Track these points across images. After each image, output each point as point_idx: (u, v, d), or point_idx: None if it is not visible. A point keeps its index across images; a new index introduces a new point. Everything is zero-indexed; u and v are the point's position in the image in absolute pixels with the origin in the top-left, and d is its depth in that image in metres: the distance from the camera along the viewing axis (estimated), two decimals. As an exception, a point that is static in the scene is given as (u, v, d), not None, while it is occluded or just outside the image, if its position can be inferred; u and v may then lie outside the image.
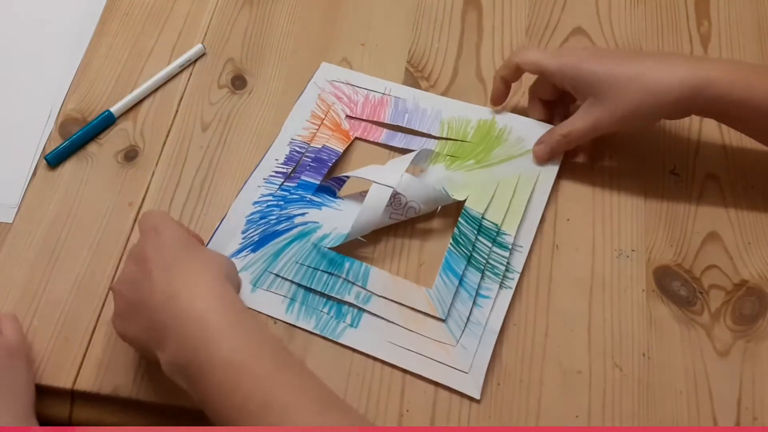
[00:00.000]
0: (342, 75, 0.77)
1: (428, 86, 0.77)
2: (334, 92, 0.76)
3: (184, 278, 0.56)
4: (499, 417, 0.61)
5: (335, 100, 0.75)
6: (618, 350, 0.64)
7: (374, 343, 0.63)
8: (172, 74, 0.79)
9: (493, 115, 0.74)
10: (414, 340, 0.63)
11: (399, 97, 0.76)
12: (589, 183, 0.72)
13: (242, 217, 0.69)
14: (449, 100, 0.76)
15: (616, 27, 0.81)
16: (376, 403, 0.62)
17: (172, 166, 0.73)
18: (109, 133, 0.75)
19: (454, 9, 0.83)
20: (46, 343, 0.64)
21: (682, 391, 0.62)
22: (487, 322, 0.64)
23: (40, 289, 0.67)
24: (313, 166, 0.71)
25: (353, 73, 0.78)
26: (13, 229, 0.70)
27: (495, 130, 0.73)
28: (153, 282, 0.57)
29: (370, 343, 0.63)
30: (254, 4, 0.84)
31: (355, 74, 0.78)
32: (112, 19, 0.83)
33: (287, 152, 0.72)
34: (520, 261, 0.67)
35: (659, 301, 0.66)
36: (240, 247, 0.67)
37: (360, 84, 0.77)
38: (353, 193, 0.70)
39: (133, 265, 0.60)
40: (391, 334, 0.64)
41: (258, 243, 0.67)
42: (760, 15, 0.82)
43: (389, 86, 0.77)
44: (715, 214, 0.70)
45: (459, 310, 0.64)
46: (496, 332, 0.63)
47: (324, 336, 0.64)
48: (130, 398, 0.62)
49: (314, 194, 0.70)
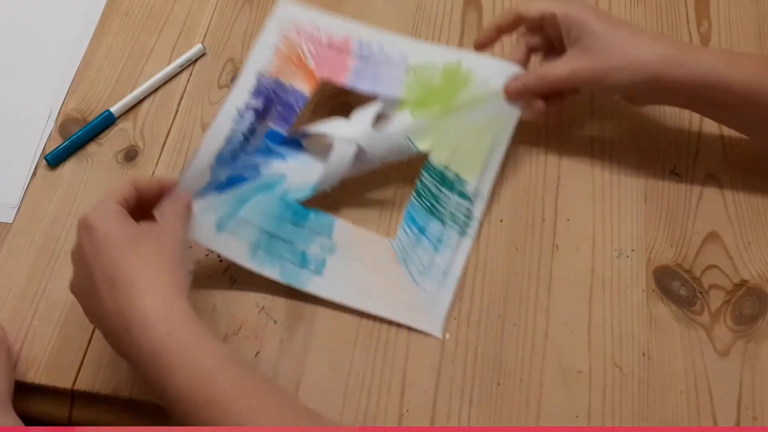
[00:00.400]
0: (303, 15, 0.74)
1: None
2: (297, 30, 0.73)
3: (130, 301, 0.53)
4: (499, 417, 0.61)
5: (298, 39, 0.73)
6: (618, 350, 0.64)
7: (339, 290, 0.65)
8: (172, 74, 0.79)
9: (459, 58, 0.73)
10: (377, 286, 0.66)
11: (363, 41, 0.74)
12: (589, 183, 0.72)
13: (213, 151, 0.66)
14: (415, 42, 0.75)
15: (616, 27, 0.81)
16: (376, 403, 0.62)
17: (172, 166, 0.73)
18: (109, 133, 0.75)
19: (454, 9, 0.83)
20: (46, 343, 0.65)
21: (682, 391, 0.62)
22: (448, 269, 0.67)
23: (40, 289, 0.67)
24: (280, 111, 0.70)
25: (313, 11, 0.74)
26: (13, 229, 0.70)
27: (460, 73, 0.72)
28: (101, 299, 0.54)
29: (335, 290, 0.65)
30: (254, 4, 0.84)
31: (315, 13, 0.74)
32: (112, 19, 0.83)
33: (255, 85, 0.69)
34: (480, 208, 0.69)
35: (659, 301, 0.66)
36: (206, 185, 0.65)
37: (321, 24, 0.74)
38: (318, 145, 0.70)
39: (77, 268, 0.58)
40: (355, 280, 0.66)
41: (225, 184, 0.66)
42: (760, 15, 0.82)
43: (352, 28, 0.74)
44: (715, 214, 0.70)
45: (421, 258, 0.67)
46: (457, 277, 0.67)
47: (290, 284, 0.65)
48: (130, 398, 0.62)
49: (281, 146, 0.69)
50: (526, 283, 0.67)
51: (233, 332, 0.65)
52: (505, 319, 0.65)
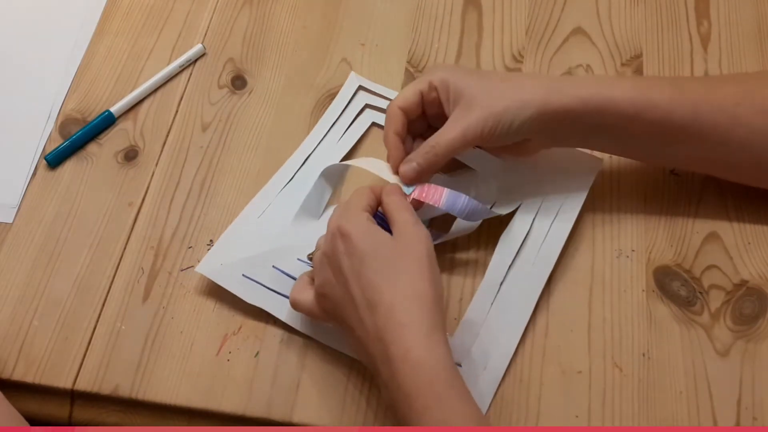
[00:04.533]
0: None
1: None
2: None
3: (393, 333, 0.54)
4: (499, 417, 0.61)
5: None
6: (618, 350, 0.64)
7: None
8: (172, 74, 0.79)
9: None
10: None
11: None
12: (589, 183, 0.72)
13: (285, 258, 0.66)
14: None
15: (616, 27, 0.81)
16: (376, 403, 0.62)
17: (172, 166, 0.73)
18: (109, 133, 0.75)
19: (454, 9, 0.83)
20: (46, 343, 0.64)
21: (682, 391, 0.62)
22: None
23: (40, 289, 0.67)
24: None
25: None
26: (13, 229, 0.70)
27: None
28: (361, 319, 0.55)
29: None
30: (254, 4, 0.84)
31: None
32: (112, 19, 0.83)
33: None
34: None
35: (659, 301, 0.66)
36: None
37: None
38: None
39: (331, 274, 0.58)
40: None
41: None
42: (760, 15, 0.82)
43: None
44: (715, 214, 0.70)
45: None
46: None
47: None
48: (130, 398, 0.62)
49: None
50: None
51: (233, 332, 0.65)
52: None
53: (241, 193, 0.71)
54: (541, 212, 0.68)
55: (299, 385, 0.63)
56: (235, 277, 0.65)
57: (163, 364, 0.63)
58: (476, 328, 0.64)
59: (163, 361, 0.64)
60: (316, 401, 0.61)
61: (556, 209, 0.68)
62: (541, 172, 0.69)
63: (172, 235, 0.70)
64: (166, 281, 0.67)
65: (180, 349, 0.64)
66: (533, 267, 0.66)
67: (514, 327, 0.64)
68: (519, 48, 0.80)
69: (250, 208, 0.70)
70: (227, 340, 0.64)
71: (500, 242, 0.67)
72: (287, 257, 0.66)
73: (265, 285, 0.65)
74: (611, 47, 0.80)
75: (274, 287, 0.65)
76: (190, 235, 0.70)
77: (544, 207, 0.68)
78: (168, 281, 0.67)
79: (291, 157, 0.73)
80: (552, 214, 0.68)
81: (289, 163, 0.73)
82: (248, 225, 0.69)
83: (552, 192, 0.69)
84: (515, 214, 0.68)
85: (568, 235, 0.67)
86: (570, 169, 0.69)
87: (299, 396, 0.62)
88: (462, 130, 0.62)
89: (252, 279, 0.65)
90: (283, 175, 0.72)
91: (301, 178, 0.71)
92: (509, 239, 0.67)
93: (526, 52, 0.80)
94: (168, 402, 0.62)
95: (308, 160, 0.73)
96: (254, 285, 0.65)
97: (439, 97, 0.65)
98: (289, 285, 0.64)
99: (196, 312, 0.66)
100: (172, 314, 0.66)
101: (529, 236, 0.67)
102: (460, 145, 0.63)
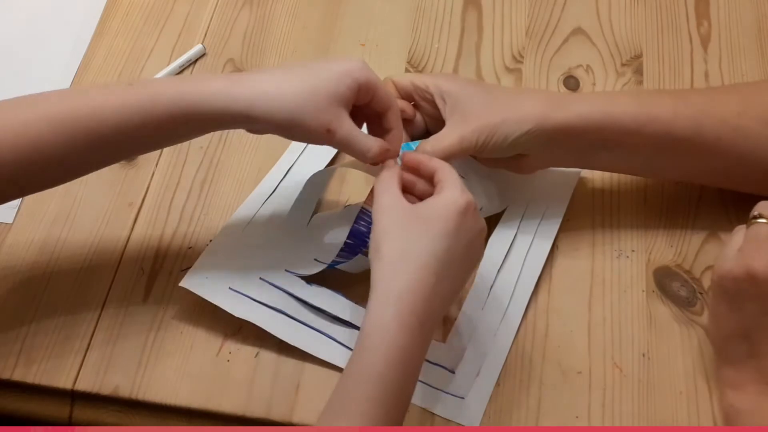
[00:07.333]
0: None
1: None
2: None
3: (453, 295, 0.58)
4: (499, 417, 0.61)
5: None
6: (618, 350, 0.64)
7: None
8: (172, 74, 0.79)
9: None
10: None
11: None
12: (589, 183, 0.72)
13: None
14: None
15: (616, 27, 0.82)
16: (376, 403, 0.62)
17: (172, 166, 0.73)
18: (109, 133, 0.75)
19: (454, 9, 0.83)
20: (46, 343, 0.64)
21: (682, 391, 0.62)
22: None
23: (40, 289, 0.67)
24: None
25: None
26: (13, 229, 0.70)
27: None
28: (463, 278, 0.59)
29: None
30: (254, 4, 0.84)
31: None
32: (112, 19, 0.83)
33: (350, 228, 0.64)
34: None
35: (659, 301, 0.66)
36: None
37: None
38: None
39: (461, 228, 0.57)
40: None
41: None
42: (760, 15, 0.82)
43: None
44: (715, 214, 0.70)
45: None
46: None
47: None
48: (130, 398, 0.62)
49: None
50: (526, 284, 0.67)
51: (233, 332, 0.65)
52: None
53: (241, 193, 0.71)
54: (527, 215, 0.68)
55: (299, 385, 0.63)
56: (222, 290, 0.64)
57: (163, 365, 0.63)
58: (467, 335, 0.63)
59: (163, 361, 0.64)
60: (316, 401, 0.61)
61: (542, 211, 0.68)
62: (526, 176, 0.68)
63: (172, 235, 0.70)
64: (166, 281, 0.67)
65: (180, 349, 0.64)
66: (521, 271, 0.66)
67: (505, 332, 0.64)
68: (519, 48, 0.80)
69: (234, 219, 0.69)
70: (227, 340, 0.64)
71: (488, 247, 0.66)
72: (275, 268, 0.65)
73: (253, 298, 0.64)
74: (611, 47, 0.80)
75: (262, 299, 0.64)
76: (190, 235, 0.70)
77: (529, 210, 0.68)
78: (168, 281, 0.67)
79: (275, 165, 0.72)
80: (538, 216, 0.68)
81: (274, 172, 0.72)
82: (233, 236, 0.68)
83: (537, 194, 0.69)
84: (501, 219, 0.68)
85: (555, 236, 0.67)
86: (555, 170, 0.70)
87: (299, 396, 0.62)
88: (458, 138, 0.62)
89: (239, 292, 0.64)
90: (267, 184, 0.71)
91: (286, 186, 0.71)
92: (496, 244, 0.67)
93: (526, 52, 0.80)
94: (168, 402, 0.62)
95: (293, 167, 0.72)
96: (242, 298, 0.64)
97: (433, 98, 0.64)
98: (278, 297, 0.64)
99: (197, 312, 0.66)
100: (172, 314, 0.66)
101: (515, 240, 0.67)
102: (456, 151, 0.62)
